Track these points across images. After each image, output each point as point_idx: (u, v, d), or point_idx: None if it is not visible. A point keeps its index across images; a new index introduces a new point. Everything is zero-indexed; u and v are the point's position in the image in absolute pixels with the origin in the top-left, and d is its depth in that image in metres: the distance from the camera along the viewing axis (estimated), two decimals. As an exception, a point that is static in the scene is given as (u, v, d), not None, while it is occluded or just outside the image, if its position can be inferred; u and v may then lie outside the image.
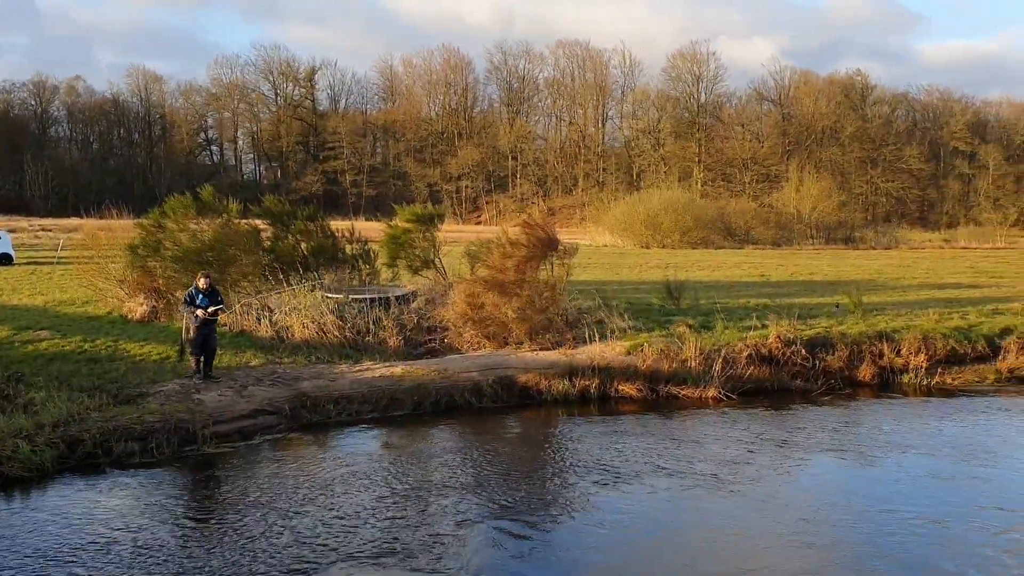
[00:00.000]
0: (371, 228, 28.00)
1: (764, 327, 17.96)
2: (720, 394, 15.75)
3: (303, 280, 19.75)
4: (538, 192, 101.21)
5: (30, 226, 61.26)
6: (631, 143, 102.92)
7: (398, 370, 15.57)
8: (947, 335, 18.35)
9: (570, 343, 17.45)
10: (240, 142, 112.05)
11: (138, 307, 20.02)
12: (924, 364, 17.49)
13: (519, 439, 14.12)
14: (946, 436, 13.79)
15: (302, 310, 18.22)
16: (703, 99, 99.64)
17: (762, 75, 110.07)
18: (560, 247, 18.75)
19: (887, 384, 17.26)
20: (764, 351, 17.01)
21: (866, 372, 17.32)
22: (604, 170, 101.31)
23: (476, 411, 14.93)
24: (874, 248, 61.31)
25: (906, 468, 12.10)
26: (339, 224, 24.78)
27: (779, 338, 17.27)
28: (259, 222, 22.20)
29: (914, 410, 15.55)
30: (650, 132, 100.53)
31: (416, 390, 14.92)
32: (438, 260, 22.66)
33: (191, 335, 14.56)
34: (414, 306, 19.67)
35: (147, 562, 8.60)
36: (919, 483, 11.54)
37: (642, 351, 16.57)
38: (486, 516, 9.98)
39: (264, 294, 19.34)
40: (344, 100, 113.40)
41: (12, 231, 45.30)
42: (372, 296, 19.32)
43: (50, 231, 56.40)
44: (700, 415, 14.92)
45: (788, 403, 15.80)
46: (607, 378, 15.89)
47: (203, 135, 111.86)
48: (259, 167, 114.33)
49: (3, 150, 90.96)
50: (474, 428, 14.19)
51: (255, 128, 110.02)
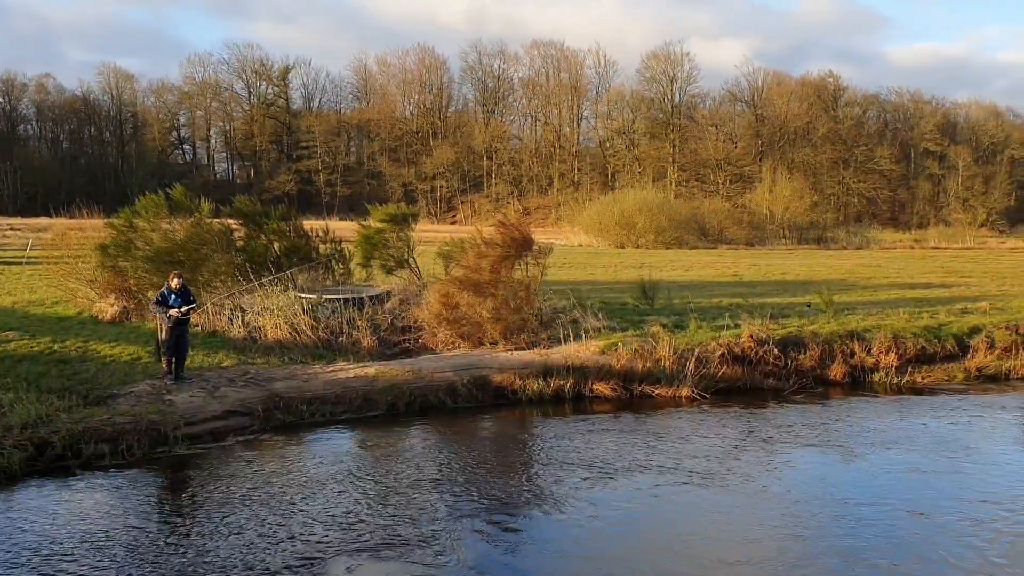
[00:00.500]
0: (345, 228, 27.91)
1: (737, 327, 18.10)
2: (694, 393, 15.85)
3: (276, 280, 19.63)
4: (513, 192, 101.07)
5: (-2, 225, 60.38)
6: (606, 143, 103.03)
7: (372, 370, 15.51)
8: (917, 334, 18.60)
9: (545, 343, 17.49)
10: (213, 141, 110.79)
11: (109, 308, 19.80)
12: (895, 363, 17.72)
13: (494, 438, 14.13)
14: (924, 432, 13.99)
15: (275, 310, 18.10)
16: (677, 100, 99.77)
17: (735, 76, 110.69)
18: (535, 247, 18.77)
19: (858, 383, 17.47)
20: (737, 350, 17.14)
21: (838, 371, 17.51)
22: (579, 170, 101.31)
23: (451, 411, 14.90)
24: (846, 248, 61.99)
25: (888, 462, 12.28)
26: (313, 224, 24.63)
27: (752, 337, 17.41)
28: (231, 222, 22.03)
29: (889, 407, 15.74)
30: (624, 132, 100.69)
31: (390, 390, 14.87)
32: (412, 260, 22.63)
33: (164, 336, 14.41)
34: (388, 306, 19.61)
35: (118, 564, 8.50)
36: (900, 477, 11.71)
37: (616, 351, 16.64)
38: (461, 515, 9.96)
39: (237, 294, 19.20)
40: (318, 99, 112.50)
41: (-20, 230, 44.68)
42: (346, 296, 19.25)
43: (19, 230, 55.45)
44: (674, 414, 15.02)
45: (761, 402, 15.94)
46: (582, 377, 15.94)
47: (175, 134, 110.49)
48: (232, 166, 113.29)
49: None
50: (449, 428, 14.17)
51: (228, 127, 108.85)
